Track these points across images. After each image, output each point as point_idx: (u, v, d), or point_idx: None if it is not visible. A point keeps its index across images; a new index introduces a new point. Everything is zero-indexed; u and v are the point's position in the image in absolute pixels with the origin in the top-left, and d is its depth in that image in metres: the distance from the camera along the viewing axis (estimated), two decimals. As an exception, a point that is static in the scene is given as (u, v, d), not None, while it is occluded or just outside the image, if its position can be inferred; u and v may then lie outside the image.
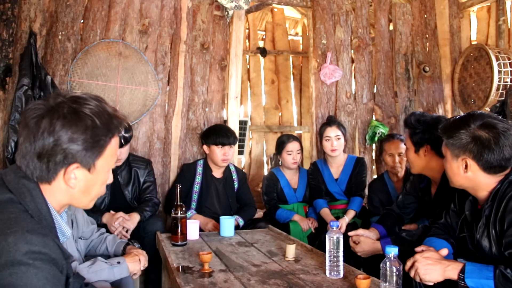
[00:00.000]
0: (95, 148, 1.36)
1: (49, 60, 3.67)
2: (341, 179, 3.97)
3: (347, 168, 3.97)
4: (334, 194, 3.97)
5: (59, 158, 1.31)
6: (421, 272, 1.87)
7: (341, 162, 4.00)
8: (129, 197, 3.45)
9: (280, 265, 2.36)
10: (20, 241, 1.18)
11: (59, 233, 1.41)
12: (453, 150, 1.97)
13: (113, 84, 3.80)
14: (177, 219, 2.73)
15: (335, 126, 3.93)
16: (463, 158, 1.94)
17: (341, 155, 3.99)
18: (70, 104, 1.33)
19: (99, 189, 1.46)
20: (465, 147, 1.92)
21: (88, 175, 1.38)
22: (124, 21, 3.92)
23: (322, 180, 4.00)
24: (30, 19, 3.62)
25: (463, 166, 1.95)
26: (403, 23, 4.77)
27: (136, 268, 2.24)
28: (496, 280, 1.72)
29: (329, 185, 3.98)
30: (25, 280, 1.15)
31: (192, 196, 3.73)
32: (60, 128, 1.29)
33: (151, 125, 4.00)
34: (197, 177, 3.77)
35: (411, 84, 4.76)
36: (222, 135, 3.70)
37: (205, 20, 4.23)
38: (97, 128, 1.34)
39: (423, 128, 2.55)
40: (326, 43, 4.61)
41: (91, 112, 1.34)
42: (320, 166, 4.06)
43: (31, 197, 1.32)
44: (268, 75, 7.02)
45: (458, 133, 1.94)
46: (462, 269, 1.81)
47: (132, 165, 3.50)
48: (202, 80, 4.20)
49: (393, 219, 2.92)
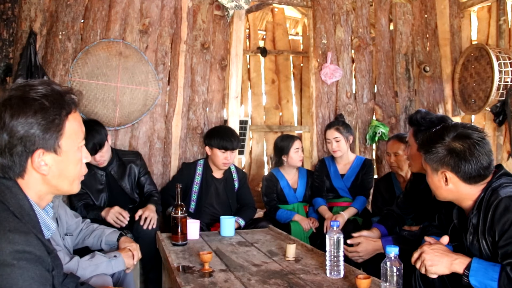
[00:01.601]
0: (52, 129, 1.32)
1: (50, 60, 3.67)
2: (348, 175, 3.99)
3: (355, 167, 4.00)
4: (338, 190, 3.99)
5: (20, 149, 1.29)
6: (428, 264, 1.86)
7: (349, 161, 4.04)
8: (127, 189, 3.47)
9: (281, 265, 2.36)
10: (2, 242, 1.17)
11: (44, 227, 1.38)
12: (432, 164, 1.98)
13: (113, 84, 3.80)
14: (177, 219, 2.73)
15: (333, 129, 3.97)
16: (442, 171, 1.95)
17: (348, 155, 4.04)
18: (16, 94, 1.31)
19: (75, 170, 1.43)
20: (442, 161, 1.93)
21: (57, 157, 1.36)
22: (125, 21, 3.92)
23: (327, 175, 4.04)
24: (30, 19, 3.62)
25: (444, 179, 1.95)
26: (404, 23, 4.77)
27: (130, 262, 2.35)
28: (501, 283, 1.70)
29: (334, 180, 4.00)
30: (10, 281, 1.14)
31: (191, 196, 3.72)
32: (10, 120, 1.27)
33: (152, 124, 4.00)
34: (196, 177, 3.76)
35: (411, 84, 4.75)
36: (226, 139, 3.65)
37: (206, 20, 4.22)
38: (47, 108, 1.31)
39: (429, 126, 2.53)
40: (326, 43, 4.61)
41: (38, 95, 1.31)
42: (327, 162, 4.12)
43: (11, 194, 1.30)
44: (269, 75, 7.02)
45: (434, 147, 1.96)
46: (468, 265, 1.80)
47: (123, 159, 3.51)
48: (202, 80, 4.20)
49: (393, 220, 2.92)
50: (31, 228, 1.25)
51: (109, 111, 3.75)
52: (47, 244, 1.28)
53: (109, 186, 3.42)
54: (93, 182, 3.37)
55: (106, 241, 2.54)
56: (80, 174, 1.46)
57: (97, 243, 2.55)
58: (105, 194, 3.39)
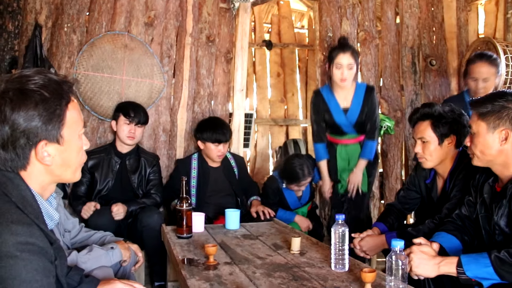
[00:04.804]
0: (54, 119, 1.32)
1: (55, 53, 3.67)
2: (352, 110, 3.58)
3: (357, 97, 3.58)
4: (341, 127, 3.61)
5: (23, 142, 1.29)
6: (414, 264, 1.87)
7: (350, 91, 3.58)
8: (135, 184, 3.50)
9: (285, 258, 2.36)
10: (5, 233, 1.17)
11: (47, 218, 1.38)
12: (490, 122, 1.95)
13: (118, 77, 3.80)
14: (182, 211, 2.73)
15: (349, 53, 3.46)
16: (503, 129, 1.93)
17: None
18: (14, 86, 1.30)
19: (77, 158, 1.43)
20: (506, 118, 1.92)
21: (60, 147, 1.36)
22: (130, 13, 3.91)
23: (327, 110, 3.62)
24: (35, 11, 3.62)
25: (502, 138, 1.93)
26: (410, 16, 4.73)
27: (127, 254, 2.34)
28: (495, 265, 1.74)
29: (336, 116, 3.59)
30: (13, 273, 1.15)
31: (190, 191, 3.66)
32: (11, 113, 1.27)
33: (157, 117, 4.01)
34: (192, 171, 3.70)
35: (417, 77, 4.72)
36: (218, 132, 3.59)
37: (211, 13, 4.21)
38: (47, 99, 1.30)
39: (452, 118, 2.49)
40: (332, 36, 4.58)
41: (37, 86, 1.30)
42: (325, 94, 3.64)
43: (13, 185, 1.30)
44: (274, 68, 6.99)
45: (500, 103, 1.93)
46: (458, 263, 1.81)
47: (141, 155, 3.57)
48: (207, 73, 4.19)
49: (394, 216, 2.90)
50: (34, 219, 1.25)
51: (114, 104, 3.75)
52: (50, 234, 1.29)
53: (119, 175, 3.48)
54: (106, 167, 3.43)
55: (109, 240, 2.52)
56: (81, 162, 1.47)
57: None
58: (112, 181, 3.44)
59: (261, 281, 2.00)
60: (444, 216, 2.43)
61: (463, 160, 2.48)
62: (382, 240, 2.61)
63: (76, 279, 1.64)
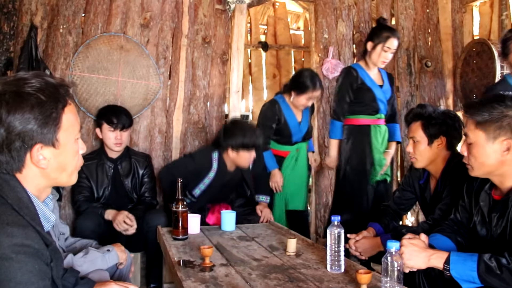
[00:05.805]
0: (50, 123, 1.32)
1: (50, 54, 3.66)
2: (385, 88, 3.70)
3: (386, 79, 3.76)
4: (379, 103, 3.64)
5: (18, 145, 1.28)
6: (406, 257, 1.86)
7: (377, 71, 3.74)
8: (128, 187, 3.47)
9: (281, 260, 2.36)
10: (1, 235, 1.17)
11: (43, 219, 1.38)
12: (490, 132, 1.83)
13: (114, 78, 3.79)
14: (178, 213, 2.73)
15: (397, 38, 3.60)
16: (505, 139, 1.81)
17: None
18: (10, 89, 1.29)
19: (73, 161, 1.43)
20: (507, 127, 1.80)
21: (55, 151, 1.35)
22: (126, 15, 3.91)
23: (362, 85, 3.63)
24: (31, 12, 3.61)
25: (504, 148, 1.82)
26: (405, 17, 4.75)
27: (123, 257, 2.33)
28: (480, 272, 1.71)
29: (375, 91, 3.64)
30: (9, 275, 1.14)
31: (199, 185, 3.48)
32: (6, 116, 1.26)
33: (152, 119, 4.00)
34: (211, 172, 3.46)
35: (413, 79, 4.74)
36: (252, 136, 3.34)
37: (207, 14, 4.21)
38: (44, 103, 1.30)
39: (443, 119, 2.51)
40: (328, 38, 4.60)
41: (33, 89, 1.30)
42: (359, 70, 3.68)
43: (9, 187, 1.29)
44: (270, 69, 6.99)
45: (500, 111, 1.81)
46: (447, 259, 1.80)
47: (132, 157, 3.53)
48: (203, 74, 4.19)
49: (390, 216, 2.91)
50: (30, 220, 1.25)
51: (110, 105, 3.73)
52: (46, 236, 1.28)
53: (113, 180, 3.43)
54: (100, 173, 3.39)
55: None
56: (78, 166, 1.46)
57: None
58: (108, 189, 3.40)
59: (257, 282, 2.00)
60: (437, 217, 2.45)
61: (454, 160, 2.50)
62: (378, 242, 2.63)
63: (72, 281, 1.63)
